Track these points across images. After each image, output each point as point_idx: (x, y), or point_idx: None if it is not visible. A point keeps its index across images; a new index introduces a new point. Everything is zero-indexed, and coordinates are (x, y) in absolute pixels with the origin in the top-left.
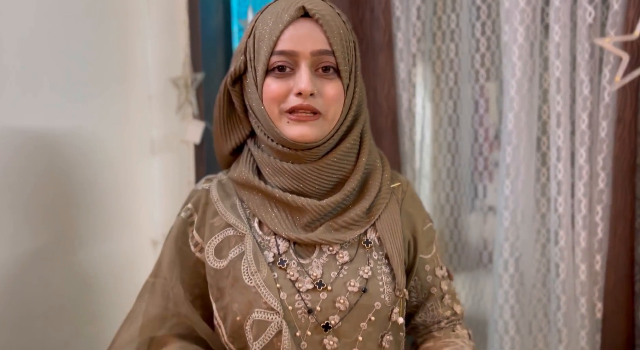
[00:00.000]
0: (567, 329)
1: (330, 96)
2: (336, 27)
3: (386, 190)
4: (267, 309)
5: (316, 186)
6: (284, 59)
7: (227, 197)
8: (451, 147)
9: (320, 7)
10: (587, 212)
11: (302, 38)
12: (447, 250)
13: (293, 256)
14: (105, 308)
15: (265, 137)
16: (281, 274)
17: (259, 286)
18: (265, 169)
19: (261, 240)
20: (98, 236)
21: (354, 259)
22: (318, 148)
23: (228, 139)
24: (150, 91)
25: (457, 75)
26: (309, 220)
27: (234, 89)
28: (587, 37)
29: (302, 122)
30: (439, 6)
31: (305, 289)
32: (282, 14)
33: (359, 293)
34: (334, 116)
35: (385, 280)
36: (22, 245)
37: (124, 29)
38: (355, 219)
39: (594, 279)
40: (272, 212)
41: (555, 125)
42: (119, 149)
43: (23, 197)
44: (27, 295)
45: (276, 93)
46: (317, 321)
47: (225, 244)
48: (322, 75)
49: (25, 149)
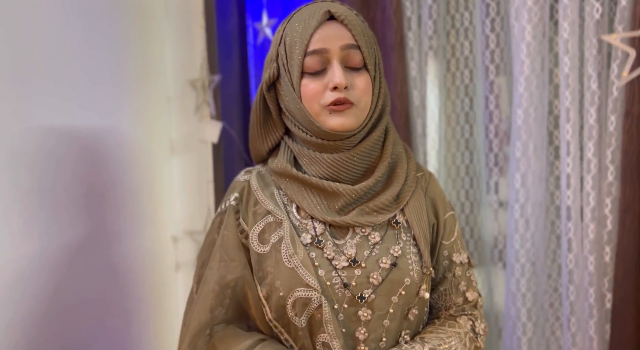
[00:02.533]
0: (575, 318)
1: (361, 88)
2: (358, 25)
3: (412, 179)
4: (306, 287)
5: (350, 173)
6: (316, 59)
7: (266, 186)
8: (469, 144)
9: (343, 10)
10: (595, 205)
11: (330, 37)
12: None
13: (329, 237)
14: (129, 302)
15: (303, 133)
16: (318, 253)
17: (297, 267)
18: (303, 159)
19: (299, 223)
20: (122, 233)
21: (384, 239)
22: (354, 136)
23: (265, 140)
24: (169, 93)
25: (472, 72)
26: (343, 204)
27: (269, 94)
28: (595, 33)
29: (341, 113)
30: (452, 5)
31: (341, 266)
32: (309, 20)
33: (390, 269)
34: (365, 106)
35: (414, 259)
36: (53, 241)
37: (144, 34)
38: (385, 204)
39: (604, 270)
40: (308, 198)
41: (565, 120)
42: (140, 149)
43: (54, 195)
44: (58, 288)
45: (314, 91)
46: (353, 294)
47: (267, 230)
48: (351, 70)
49: (56, 150)
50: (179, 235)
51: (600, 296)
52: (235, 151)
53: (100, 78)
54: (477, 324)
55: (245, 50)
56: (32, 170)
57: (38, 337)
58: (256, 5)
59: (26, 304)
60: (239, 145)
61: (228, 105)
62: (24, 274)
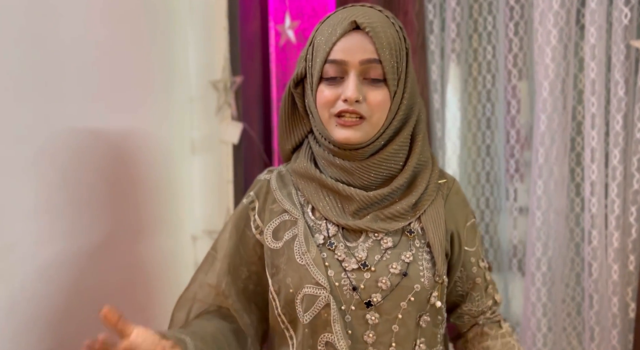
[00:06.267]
0: (599, 328)
1: (375, 103)
2: (385, 37)
3: (433, 188)
4: (316, 285)
5: (364, 181)
6: (335, 68)
7: (284, 186)
8: (490, 150)
9: (372, 19)
10: (620, 213)
11: (352, 49)
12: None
13: (341, 239)
14: (148, 300)
15: (320, 136)
16: (329, 254)
17: (309, 265)
18: (321, 161)
19: (313, 224)
20: (144, 231)
21: (397, 245)
22: (363, 149)
23: (290, 136)
24: (191, 94)
25: (495, 77)
26: (357, 209)
27: (297, 91)
28: (623, 39)
29: (348, 127)
30: (475, 9)
31: (351, 268)
32: (336, 27)
33: (400, 275)
34: (378, 121)
35: (426, 266)
36: (77, 239)
37: (168, 35)
38: (401, 212)
39: (628, 279)
40: (324, 200)
41: (590, 127)
42: (163, 149)
43: (78, 194)
44: (80, 285)
45: (327, 99)
46: (361, 298)
47: (282, 227)
48: (369, 82)
49: (81, 150)
50: (198, 234)
51: (624, 305)
52: (255, 152)
53: (125, 79)
54: (510, 326)
55: (267, 52)
56: (57, 169)
57: (62, 333)
58: (279, 8)
59: (50, 300)
60: (259, 147)
61: (249, 107)
62: (49, 270)
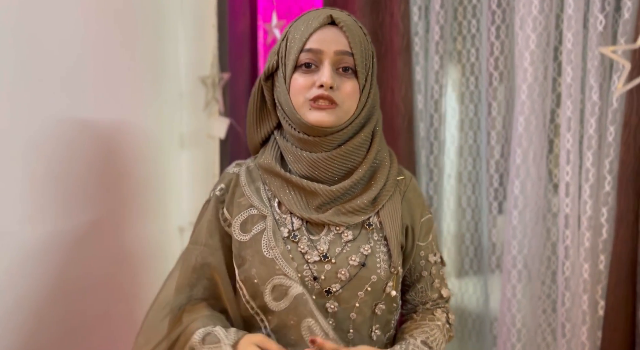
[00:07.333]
0: (570, 325)
1: (347, 91)
2: (358, 35)
3: (391, 184)
4: (284, 276)
5: (329, 173)
6: (310, 56)
7: (252, 182)
8: (472, 150)
9: (345, 18)
10: (592, 214)
11: (327, 40)
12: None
13: (304, 233)
14: (135, 288)
15: (289, 126)
16: (293, 246)
17: (277, 258)
18: (288, 156)
19: (279, 217)
20: (132, 222)
21: (356, 238)
22: (333, 136)
23: (258, 129)
24: (181, 89)
25: (478, 79)
26: (320, 203)
27: (266, 84)
28: (597, 45)
29: (321, 110)
30: (459, 11)
31: (313, 260)
32: (312, 21)
33: (358, 266)
34: (348, 109)
35: (383, 258)
36: (65, 226)
37: (159, 32)
38: (361, 207)
39: (598, 278)
40: (289, 194)
41: (566, 129)
42: (152, 142)
43: (67, 183)
44: (66, 271)
45: (302, 85)
46: (321, 287)
47: (249, 221)
48: (342, 74)
49: (71, 141)
50: (185, 225)
51: (593, 303)
52: (241, 147)
53: (116, 74)
54: (450, 315)
55: (255, 49)
56: (46, 159)
57: (46, 316)
58: (267, 7)
59: (36, 283)
60: (245, 142)
61: (236, 103)
62: (35, 255)
